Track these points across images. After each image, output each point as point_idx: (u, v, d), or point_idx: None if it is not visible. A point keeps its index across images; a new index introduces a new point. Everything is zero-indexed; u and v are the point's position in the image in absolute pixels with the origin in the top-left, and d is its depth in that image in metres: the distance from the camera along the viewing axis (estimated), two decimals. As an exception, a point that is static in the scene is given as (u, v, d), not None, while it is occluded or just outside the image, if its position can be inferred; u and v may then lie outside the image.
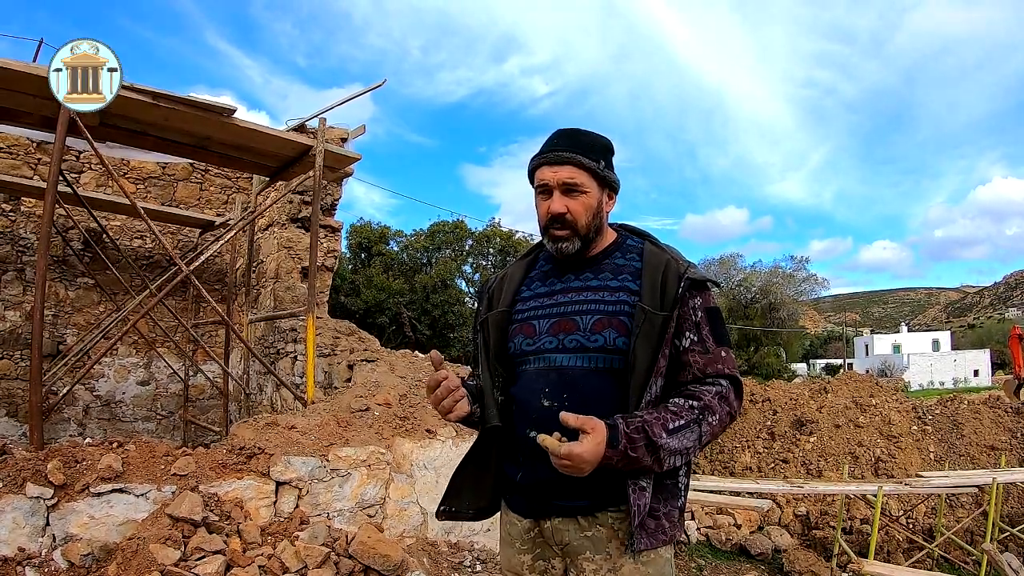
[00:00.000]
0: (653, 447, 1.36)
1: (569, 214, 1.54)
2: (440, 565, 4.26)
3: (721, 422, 1.46)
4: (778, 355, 30.32)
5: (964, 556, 8.48)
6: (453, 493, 1.65)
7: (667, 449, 1.37)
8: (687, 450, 1.42)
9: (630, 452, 1.34)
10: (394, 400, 5.17)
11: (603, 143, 1.60)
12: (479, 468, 1.64)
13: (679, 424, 1.40)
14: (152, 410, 9.57)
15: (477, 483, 1.64)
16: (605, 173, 1.56)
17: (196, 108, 4.90)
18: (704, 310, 1.52)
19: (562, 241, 1.56)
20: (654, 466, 1.38)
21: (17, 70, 4.23)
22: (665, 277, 1.50)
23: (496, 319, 1.64)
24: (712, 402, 1.44)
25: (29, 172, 8.56)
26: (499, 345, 1.62)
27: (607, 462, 1.33)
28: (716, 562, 6.77)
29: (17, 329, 8.61)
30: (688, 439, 1.41)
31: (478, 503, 1.65)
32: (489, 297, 1.72)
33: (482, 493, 1.64)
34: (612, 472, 1.42)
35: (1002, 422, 10.89)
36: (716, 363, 1.48)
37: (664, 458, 1.38)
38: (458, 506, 1.65)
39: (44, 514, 3.25)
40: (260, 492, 3.83)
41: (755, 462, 10.05)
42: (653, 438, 1.36)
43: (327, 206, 8.45)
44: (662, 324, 1.45)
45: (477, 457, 1.64)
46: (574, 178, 1.53)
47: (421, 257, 21.44)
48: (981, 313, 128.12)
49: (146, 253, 9.59)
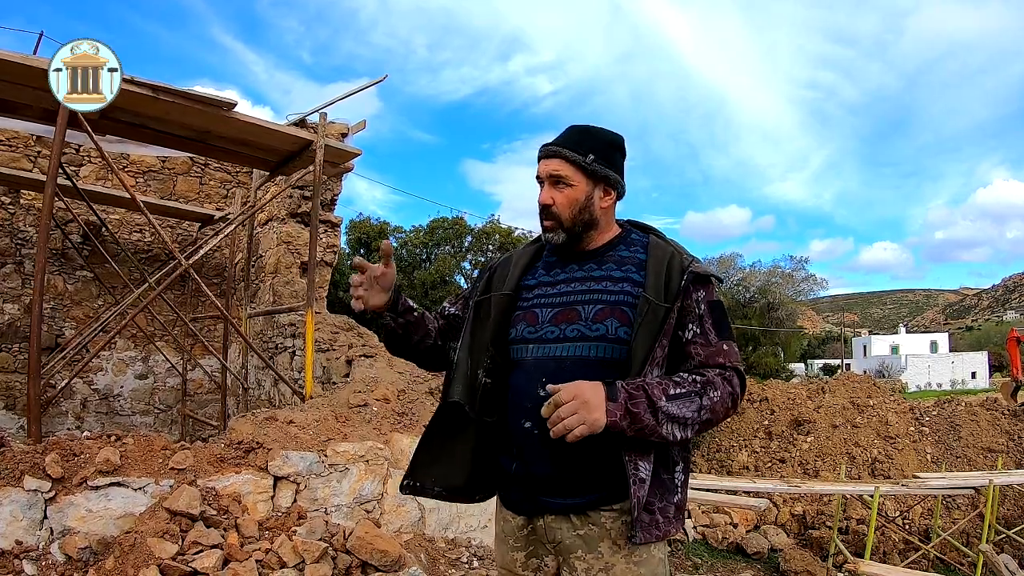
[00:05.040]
0: (653, 407, 1.36)
1: (554, 206, 1.57)
2: (437, 561, 4.27)
3: (723, 401, 1.44)
4: (776, 355, 30.32)
5: (960, 557, 8.51)
6: (416, 467, 1.63)
7: (666, 413, 1.37)
8: (687, 421, 1.40)
9: (631, 407, 1.34)
10: (392, 396, 5.17)
11: (606, 139, 1.61)
12: (445, 444, 1.62)
13: (680, 392, 1.40)
14: (150, 404, 9.57)
15: (443, 460, 1.62)
16: (593, 167, 1.56)
17: (196, 102, 4.89)
18: (707, 303, 1.52)
19: (548, 232, 1.60)
20: (657, 428, 1.37)
21: (17, 62, 4.21)
22: (669, 269, 1.51)
23: (500, 301, 1.63)
24: (715, 379, 1.44)
25: (28, 165, 8.54)
26: (498, 327, 1.61)
27: (612, 418, 1.33)
28: (712, 561, 6.78)
29: (16, 322, 8.60)
30: (688, 408, 1.40)
31: (446, 481, 1.62)
32: (489, 278, 1.71)
33: (451, 472, 1.61)
34: (607, 466, 1.43)
35: (999, 424, 10.91)
36: (718, 356, 1.49)
37: (663, 423, 1.37)
38: (423, 481, 1.62)
39: (42, 507, 3.24)
40: (258, 487, 3.83)
41: (752, 461, 10.06)
42: (653, 399, 1.36)
43: (327, 201, 8.44)
44: (663, 315, 1.46)
45: (439, 432, 1.63)
46: (559, 171, 1.56)
47: (420, 253, 21.42)
48: (979, 315, 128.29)
49: (145, 247, 9.57)
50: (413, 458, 1.64)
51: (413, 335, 1.67)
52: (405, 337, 1.66)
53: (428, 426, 1.65)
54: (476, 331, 1.63)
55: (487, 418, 1.59)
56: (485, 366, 1.59)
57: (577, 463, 1.47)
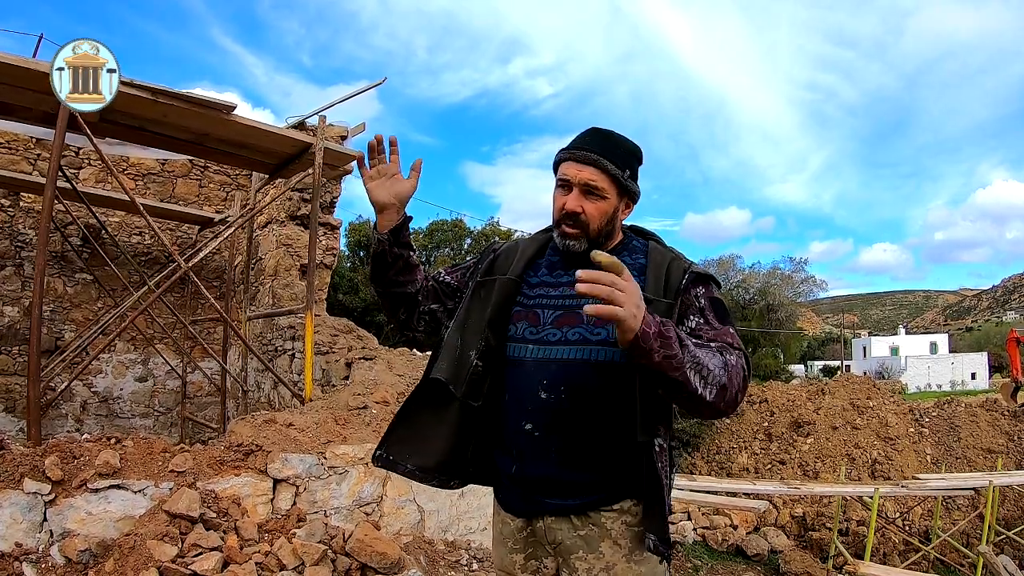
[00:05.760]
0: (681, 342, 1.24)
1: (583, 215, 1.52)
2: (437, 563, 4.26)
3: (738, 371, 1.34)
4: (776, 356, 30.32)
5: (960, 558, 8.50)
6: (389, 440, 1.60)
7: (692, 354, 1.25)
8: (709, 373, 1.27)
9: (664, 331, 1.20)
10: (392, 398, 5.18)
11: (633, 151, 1.59)
12: (424, 421, 1.58)
13: (703, 345, 1.32)
14: (150, 407, 9.56)
15: (419, 438, 1.58)
16: (628, 183, 1.55)
17: (195, 104, 4.90)
18: (708, 298, 1.52)
19: (570, 239, 1.55)
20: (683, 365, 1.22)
21: (17, 65, 4.22)
22: (669, 270, 1.52)
23: (504, 285, 1.60)
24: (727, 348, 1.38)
25: (28, 167, 8.55)
26: (497, 311, 1.58)
27: (644, 327, 1.17)
28: (712, 563, 6.77)
29: (15, 324, 8.60)
30: (711, 361, 1.29)
31: (420, 460, 1.58)
32: (492, 260, 1.68)
33: (426, 452, 1.57)
34: (608, 467, 1.43)
35: (999, 425, 10.91)
36: (725, 336, 1.43)
37: (687, 362, 1.23)
38: (395, 455, 1.59)
39: (41, 510, 3.24)
40: (258, 489, 3.83)
41: (752, 463, 10.06)
42: (681, 337, 1.25)
43: (326, 204, 8.45)
44: (665, 309, 1.44)
45: (419, 408, 1.59)
46: (595, 181, 1.51)
47: (420, 255, 21.44)
48: (979, 316, 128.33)
49: (145, 249, 9.58)
50: (388, 429, 1.61)
51: (399, 274, 1.62)
52: (391, 269, 1.61)
53: (407, 400, 1.62)
54: (472, 311, 1.59)
55: (472, 402, 1.55)
56: (479, 348, 1.55)
57: (579, 465, 1.47)
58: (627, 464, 1.46)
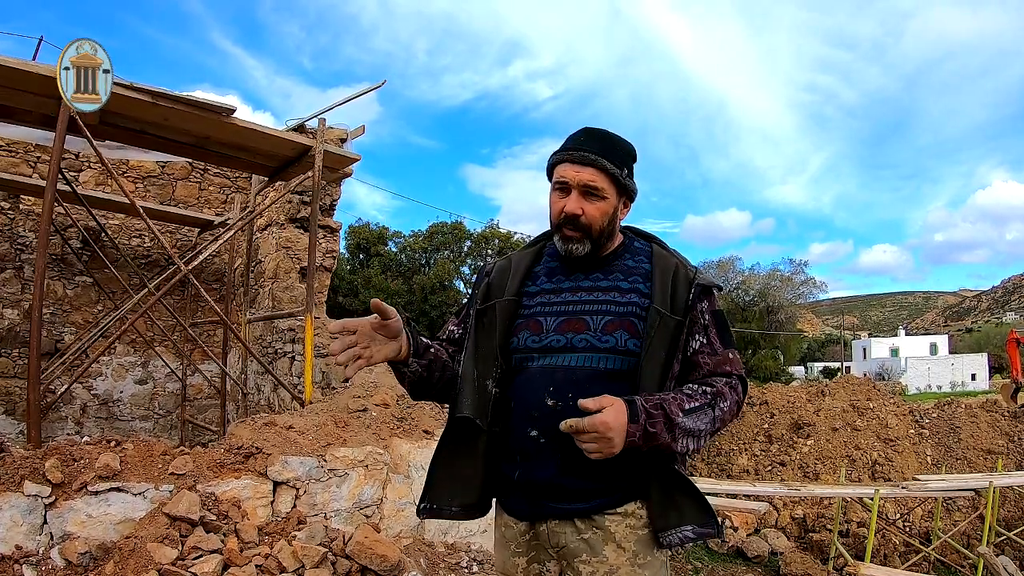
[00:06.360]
0: (671, 425, 1.38)
1: (584, 217, 1.51)
2: (437, 566, 4.26)
3: (731, 410, 1.48)
4: (776, 358, 30.35)
5: (961, 560, 8.49)
6: (433, 488, 1.58)
7: (682, 428, 1.40)
8: (700, 433, 1.43)
9: (649, 428, 1.35)
10: (391, 401, 5.18)
11: (628, 149, 1.58)
12: (460, 461, 1.57)
13: (694, 405, 1.42)
14: (150, 409, 9.56)
15: (460, 478, 1.56)
16: (626, 182, 1.55)
17: (196, 107, 4.91)
18: (711, 313, 1.54)
19: (573, 243, 1.54)
20: (672, 445, 1.39)
21: (17, 68, 4.23)
22: (675, 281, 1.52)
23: (504, 307, 1.58)
24: (723, 389, 1.48)
25: (28, 170, 8.56)
26: (504, 334, 1.57)
27: (630, 439, 1.34)
28: (712, 565, 6.77)
29: (15, 327, 8.60)
30: (702, 421, 1.43)
31: (463, 499, 1.57)
32: (488, 284, 1.66)
33: (468, 489, 1.56)
34: (614, 469, 1.43)
35: (999, 426, 10.90)
36: (724, 364, 1.52)
37: (679, 438, 1.40)
38: (440, 502, 1.57)
39: (42, 512, 3.24)
40: (257, 492, 3.83)
41: (752, 465, 10.06)
42: (671, 416, 1.38)
43: (326, 206, 8.45)
44: (675, 328, 1.47)
45: (454, 449, 1.57)
46: (595, 181, 1.50)
47: (420, 258, 21.45)
48: (979, 317, 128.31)
49: (145, 252, 9.58)
50: (428, 479, 1.58)
51: (435, 372, 1.58)
52: (428, 378, 1.57)
53: (440, 444, 1.60)
54: (480, 340, 1.57)
55: (495, 428, 1.55)
56: (494, 376, 1.54)
57: (584, 471, 1.46)
58: (633, 469, 1.46)
